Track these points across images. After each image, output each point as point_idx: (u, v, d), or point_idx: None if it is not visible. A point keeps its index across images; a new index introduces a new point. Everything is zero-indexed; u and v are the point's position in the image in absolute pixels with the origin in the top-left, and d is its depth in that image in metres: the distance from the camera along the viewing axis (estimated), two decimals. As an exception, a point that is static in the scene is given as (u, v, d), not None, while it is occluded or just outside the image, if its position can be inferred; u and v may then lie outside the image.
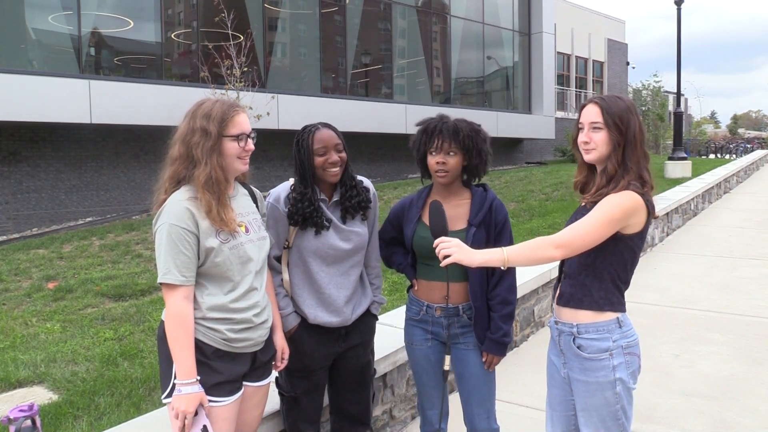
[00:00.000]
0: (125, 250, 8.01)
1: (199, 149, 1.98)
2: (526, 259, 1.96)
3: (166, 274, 1.92)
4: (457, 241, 2.00)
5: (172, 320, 1.93)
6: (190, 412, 1.88)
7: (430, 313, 2.44)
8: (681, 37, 16.24)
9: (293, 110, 12.68)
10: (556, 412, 2.20)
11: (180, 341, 1.91)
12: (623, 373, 2.00)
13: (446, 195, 2.43)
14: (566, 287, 2.10)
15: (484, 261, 1.95)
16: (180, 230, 1.92)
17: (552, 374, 2.22)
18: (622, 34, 32.79)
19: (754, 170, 20.83)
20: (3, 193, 10.44)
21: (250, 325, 2.06)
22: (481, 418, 2.43)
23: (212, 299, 2.00)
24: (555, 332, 2.16)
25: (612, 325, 2.02)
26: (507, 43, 20.61)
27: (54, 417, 3.42)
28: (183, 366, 1.90)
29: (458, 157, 2.35)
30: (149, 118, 11.05)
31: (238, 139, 2.03)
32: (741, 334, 4.86)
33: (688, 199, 10.22)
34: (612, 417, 2.01)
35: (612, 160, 1.99)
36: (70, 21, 10.83)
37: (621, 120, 1.98)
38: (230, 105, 2.05)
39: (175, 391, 1.91)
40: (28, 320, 5.41)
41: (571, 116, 26.63)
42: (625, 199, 1.93)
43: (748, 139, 46.74)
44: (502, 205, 2.43)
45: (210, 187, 1.97)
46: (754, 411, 3.54)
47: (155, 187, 2.08)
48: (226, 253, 1.99)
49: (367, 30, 16.14)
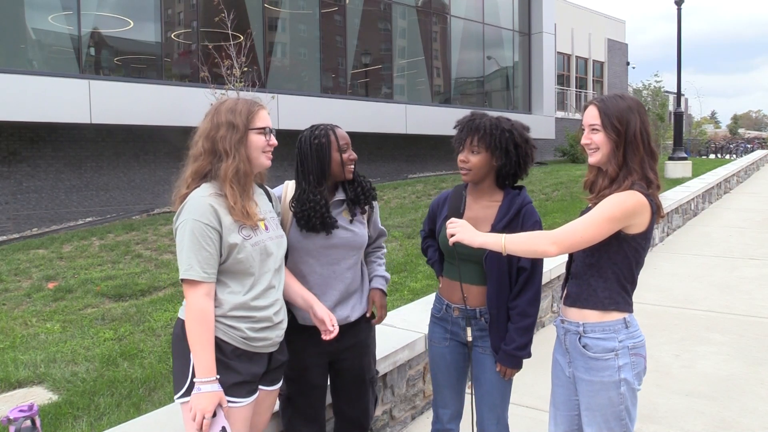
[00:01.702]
0: (125, 250, 8.01)
1: (226, 142, 1.98)
2: (523, 250, 1.99)
3: (188, 270, 1.90)
4: (462, 221, 2.07)
5: (193, 317, 1.90)
6: (209, 411, 1.84)
7: (449, 312, 2.44)
8: (681, 37, 16.24)
9: (293, 110, 12.69)
10: (559, 412, 2.20)
11: (200, 338, 1.88)
12: (628, 374, 2.00)
13: (477, 195, 2.39)
14: (572, 287, 2.10)
15: (483, 243, 2.02)
16: (203, 226, 1.91)
17: (557, 373, 2.21)
18: (622, 34, 32.79)
19: (754, 170, 20.83)
20: (3, 193, 10.44)
21: (270, 324, 2.05)
22: (491, 422, 2.40)
23: (234, 297, 1.98)
24: (561, 331, 2.15)
25: (618, 325, 2.01)
26: (507, 43, 20.60)
27: (54, 417, 3.42)
28: (203, 363, 1.87)
29: (482, 156, 2.29)
30: (149, 118, 11.05)
31: (264, 132, 2.05)
32: (741, 334, 4.86)
33: (688, 199, 10.22)
34: (616, 417, 2.01)
35: (612, 161, 1.99)
36: (70, 21, 10.83)
37: (619, 121, 1.97)
38: (253, 101, 2.08)
39: (194, 389, 1.86)
40: (28, 320, 5.41)
41: (571, 116, 26.64)
42: (626, 198, 1.92)
43: (748, 139, 46.73)
44: (533, 212, 2.31)
45: (237, 181, 1.97)
46: (754, 411, 3.54)
47: (176, 184, 2.06)
48: (249, 249, 1.98)
49: (367, 30, 16.14)
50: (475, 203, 2.39)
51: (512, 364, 2.32)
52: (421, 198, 12.27)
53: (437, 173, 17.43)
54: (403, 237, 8.19)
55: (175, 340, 2.02)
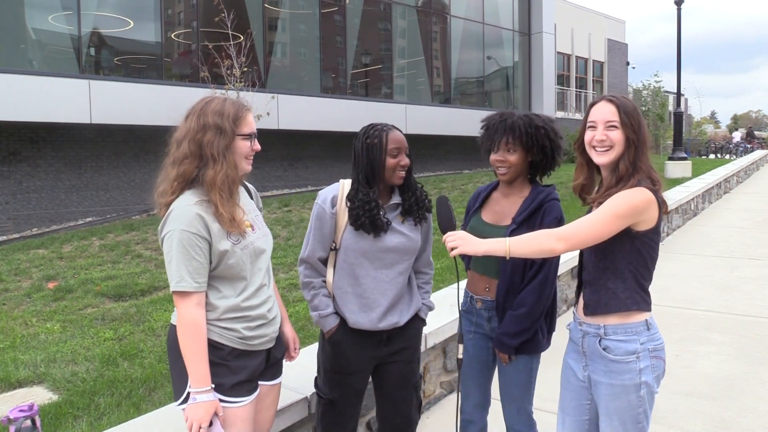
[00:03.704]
0: (125, 250, 8.00)
1: (213, 147, 1.92)
2: (529, 251, 1.95)
3: (180, 282, 1.88)
4: (462, 233, 2.03)
5: (186, 328, 1.89)
6: (205, 421, 1.84)
7: (474, 304, 2.50)
8: (681, 37, 16.24)
9: (293, 110, 12.68)
10: (568, 417, 2.16)
11: (193, 349, 1.88)
12: (649, 377, 1.97)
13: (507, 191, 2.45)
14: (590, 295, 2.04)
15: (488, 250, 1.97)
16: (191, 236, 1.88)
17: (568, 378, 2.17)
18: (622, 34, 32.78)
19: (754, 170, 20.83)
20: (3, 193, 10.44)
21: (265, 321, 2.05)
22: (511, 413, 2.47)
23: (226, 301, 1.97)
24: (578, 334, 2.10)
25: (640, 327, 1.98)
26: (507, 43, 20.60)
27: (54, 417, 3.42)
28: (197, 374, 1.87)
29: (519, 154, 2.33)
30: (149, 118, 11.04)
31: (249, 138, 2.00)
32: (741, 334, 4.86)
33: (688, 199, 10.22)
34: (633, 420, 1.98)
35: (625, 159, 1.95)
36: (70, 21, 10.83)
37: (634, 120, 1.97)
38: (240, 104, 2.02)
39: (190, 399, 1.87)
40: (28, 320, 5.41)
41: (570, 116, 26.62)
42: (634, 194, 1.90)
43: (748, 139, 46.64)
44: (555, 208, 2.33)
45: (224, 188, 1.92)
46: (754, 411, 3.54)
47: (159, 189, 2.00)
48: (239, 254, 1.97)
49: (367, 30, 16.14)
50: (504, 198, 2.44)
51: (501, 349, 2.37)
52: (421, 198, 12.24)
53: (437, 173, 17.43)
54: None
55: (171, 346, 2.01)
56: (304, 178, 14.59)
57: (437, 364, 3.70)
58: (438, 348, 3.68)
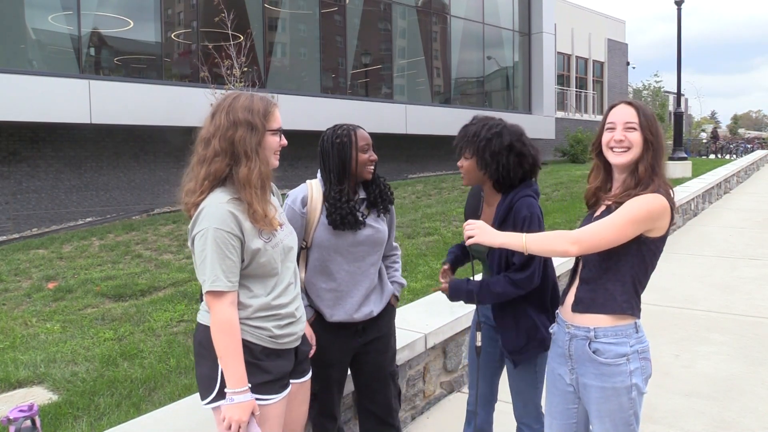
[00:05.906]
0: (125, 250, 8.00)
1: (246, 144, 1.89)
2: (543, 250, 1.98)
3: (215, 282, 1.85)
4: (481, 222, 2.07)
5: (221, 328, 1.86)
6: (244, 421, 1.84)
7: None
8: (681, 37, 16.24)
9: (293, 110, 12.67)
10: (556, 421, 2.16)
11: (230, 349, 1.86)
12: (639, 379, 1.97)
13: (486, 196, 2.47)
14: (584, 293, 2.03)
15: (504, 243, 2.01)
16: (225, 234, 1.86)
17: (553, 382, 2.16)
18: (623, 34, 32.76)
19: (754, 170, 20.83)
20: (3, 193, 10.44)
21: (293, 319, 2.06)
22: (517, 407, 2.51)
23: (257, 300, 1.97)
24: (564, 337, 2.08)
25: (630, 330, 1.98)
26: (507, 43, 20.60)
27: (54, 417, 3.42)
28: (234, 374, 1.85)
29: (471, 162, 2.35)
30: (149, 118, 11.05)
31: (278, 133, 2.00)
32: (741, 334, 4.86)
33: (688, 199, 10.22)
34: (625, 422, 1.98)
35: (644, 162, 1.96)
36: (70, 21, 10.83)
37: (652, 124, 1.98)
38: (267, 99, 2.00)
39: (227, 399, 1.86)
40: (28, 320, 5.41)
41: (570, 116, 26.63)
42: (652, 201, 1.90)
43: (748, 139, 46.68)
44: (525, 204, 2.30)
45: (258, 185, 1.91)
46: (754, 411, 3.54)
47: (186, 188, 1.96)
48: (270, 252, 1.96)
49: (367, 30, 16.14)
50: (486, 205, 2.47)
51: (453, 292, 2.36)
52: (421, 198, 12.26)
53: (437, 173, 17.41)
54: (403, 237, 8.19)
55: (199, 345, 1.99)
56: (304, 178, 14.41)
57: (437, 364, 3.70)
58: (438, 348, 3.68)
